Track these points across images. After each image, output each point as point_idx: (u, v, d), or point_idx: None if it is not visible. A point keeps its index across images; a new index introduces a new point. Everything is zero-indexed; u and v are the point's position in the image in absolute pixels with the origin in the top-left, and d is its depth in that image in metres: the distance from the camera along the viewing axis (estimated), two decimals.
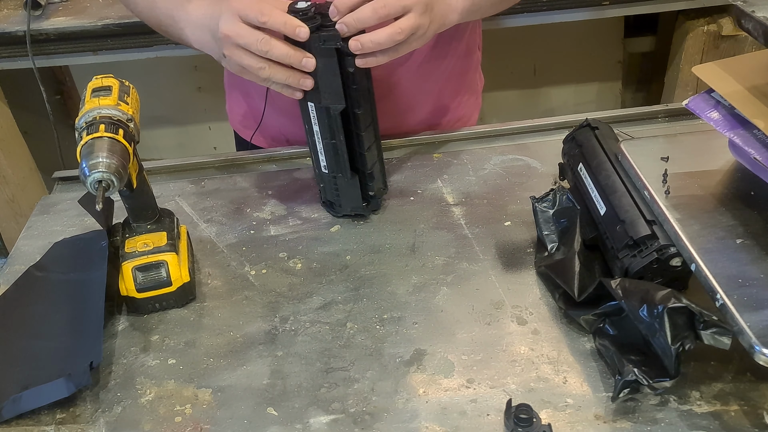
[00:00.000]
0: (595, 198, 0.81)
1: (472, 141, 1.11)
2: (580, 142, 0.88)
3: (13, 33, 1.68)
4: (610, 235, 0.77)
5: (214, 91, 2.32)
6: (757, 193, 0.75)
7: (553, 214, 0.84)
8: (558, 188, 0.85)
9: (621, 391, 0.65)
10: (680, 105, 0.85)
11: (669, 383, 0.63)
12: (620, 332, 0.70)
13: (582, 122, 0.90)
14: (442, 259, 0.87)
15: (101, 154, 0.72)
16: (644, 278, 0.72)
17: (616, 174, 0.80)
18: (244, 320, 0.80)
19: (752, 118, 0.70)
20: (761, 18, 0.69)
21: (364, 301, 0.81)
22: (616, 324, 0.71)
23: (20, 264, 0.90)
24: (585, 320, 0.73)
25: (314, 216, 0.97)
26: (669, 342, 0.62)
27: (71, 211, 1.01)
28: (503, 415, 0.64)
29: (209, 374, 0.74)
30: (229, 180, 1.06)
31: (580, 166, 0.85)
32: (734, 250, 0.68)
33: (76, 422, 0.70)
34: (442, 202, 0.97)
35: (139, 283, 0.80)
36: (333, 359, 0.74)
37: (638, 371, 0.64)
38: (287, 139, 1.15)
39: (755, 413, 0.65)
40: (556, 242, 0.82)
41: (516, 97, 2.47)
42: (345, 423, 0.67)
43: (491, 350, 0.74)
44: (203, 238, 0.94)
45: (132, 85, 0.82)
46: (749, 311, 0.61)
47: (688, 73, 1.97)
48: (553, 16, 1.79)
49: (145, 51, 1.73)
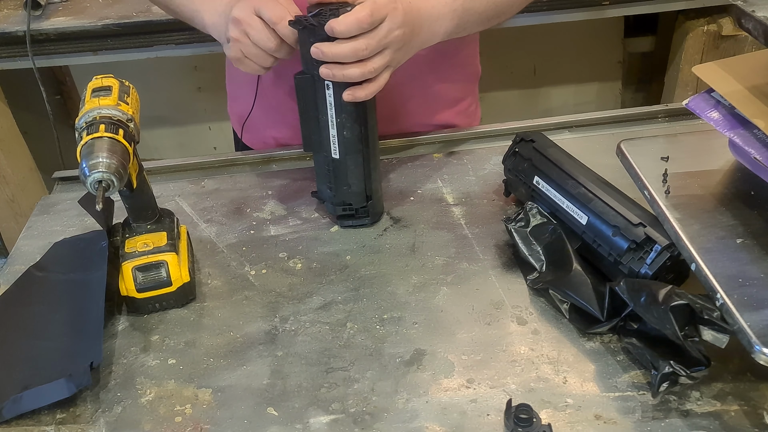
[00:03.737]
0: (569, 209, 0.81)
1: (472, 141, 1.11)
2: (527, 156, 0.88)
3: (13, 33, 1.68)
4: (602, 242, 0.77)
5: (214, 91, 2.32)
6: (757, 193, 0.75)
7: (530, 232, 0.82)
8: (527, 205, 0.84)
9: (660, 385, 0.65)
10: (680, 105, 0.85)
11: (706, 371, 0.64)
12: (643, 326, 0.70)
13: (515, 138, 0.91)
14: (442, 259, 0.87)
15: (101, 154, 0.72)
16: (658, 278, 0.72)
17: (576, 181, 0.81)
18: (244, 320, 0.80)
19: (752, 118, 0.70)
20: (761, 18, 0.69)
21: (364, 301, 0.81)
22: (635, 319, 0.71)
23: (20, 264, 0.90)
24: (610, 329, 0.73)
25: (314, 216, 0.97)
26: (681, 338, 0.62)
27: (71, 211, 1.01)
28: (503, 415, 0.64)
29: (209, 374, 0.74)
30: (229, 180, 1.06)
31: (536, 180, 0.85)
32: (734, 249, 0.68)
33: (76, 422, 0.70)
34: (442, 202, 0.97)
35: (139, 283, 0.80)
36: (333, 359, 0.74)
37: (674, 363, 0.64)
38: (275, 139, 1.14)
39: (755, 413, 0.65)
40: (544, 260, 0.81)
41: (516, 97, 2.47)
42: (345, 423, 0.67)
43: (491, 350, 0.74)
44: (203, 238, 0.94)
45: (132, 85, 0.82)
46: (749, 311, 0.61)
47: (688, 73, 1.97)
48: (553, 16, 1.79)
49: (145, 51, 1.73)
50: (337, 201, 0.91)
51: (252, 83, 1.07)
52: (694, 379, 0.64)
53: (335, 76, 0.79)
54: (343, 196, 0.91)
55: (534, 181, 0.86)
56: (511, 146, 0.92)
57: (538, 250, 0.81)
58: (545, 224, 0.82)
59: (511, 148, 0.92)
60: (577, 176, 0.82)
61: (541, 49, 2.34)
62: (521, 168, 0.89)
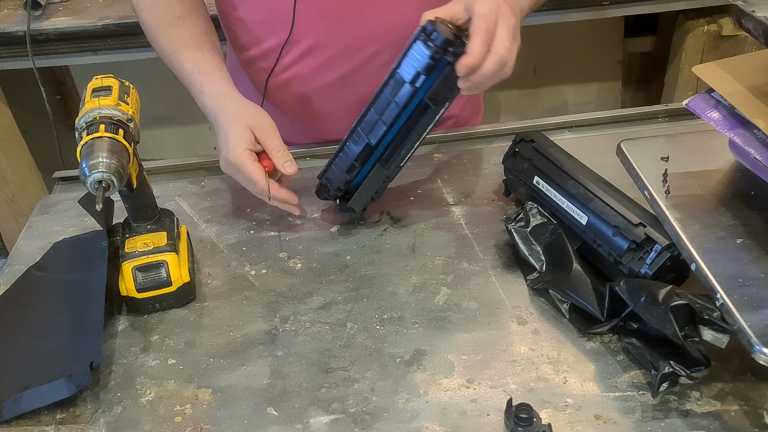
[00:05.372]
0: (569, 209, 0.81)
1: (472, 141, 1.11)
2: (528, 156, 0.88)
3: (13, 33, 1.68)
4: (602, 242, 0.77)
5: None
6: (757, 193, 0.75)
7: (530, 232, 0.82)
8: (527, 205, 0.84)
9: (660, 385, 0.65)
10: (680, 105, 0.85)
11: (706, 371, 0.64)
12: (643, 326, 0.70)
13: (515, 138, 0.91)
14: (442, 259, 0.87)
15: (101, 154, 0.72)
16: (658, 278, 0.72)
17: (576, 181, 0.81)
18: (244, 320, 0.80)
19: (752, 118, 0.70)
20: (761, 18, 0.69)
21: (364, 301, 0.81)
22: (635, 319, 0.71)
23: (20, 264, 0.90)
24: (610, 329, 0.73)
25: (314, 216, 0.96)
26: (680, 338, 0.62)
27: (71, 211, 1.01)
28: (503, 415, 0.64)
29: (209, 374, 0.74)
30: (229, 180, 1.06)
31: (536, 180, 0.85)
32: (734, 249, 0.68)
33: (76, 422, 0.70)
34: (442, 202, 0.97)
35: (139, 283, 0.80)
36: (333, 359, 0.74)
37: (674, 363, 0.64)
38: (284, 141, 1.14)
39: (755, 413, 0.65)
40: (544, 260, 0.81)
41: (516, 97, 2.47)
42: (345, 423, 0.67)
43: (491, 350, 0.74)
44: (203, 238, 0.94)
45: (132, 85, 0.82)
46: (749, 311, 0.61)
47: (688, 73, 1.97)
48: (553, 16, 1.79)
49: (145, 51, 1.73)
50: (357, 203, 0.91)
51: (258, 88, 1.07)
52: (694, 379, 0.65)
53: (485, 85, 0.78)
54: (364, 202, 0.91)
55: (534, 181, 0.86)
56: (511, 146, 0.92)
57: (538, 250, 0.81)
58: (545, 224, 0.82)
59: (511, 148, 0.92)
60: (577, 176, 0.82)
61: (541, 49, 2.33)
62: (521, 168, 0.89)
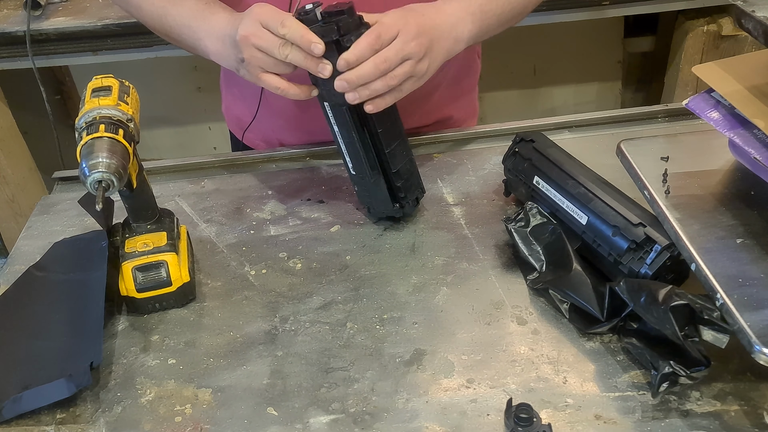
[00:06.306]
0: (569, 209, 0.81)
1: (472, 141, 1.11)
2: (527, 156, 0.88)
3: (13, 33, 1.68)
4: (602, 242, 0.77)
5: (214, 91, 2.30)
6: (757, 193, 0.75)
7: (530, 232, 0.82)
8: (527, 205, 0.84)
9: (660, 385, 0.65)
10: (680, 105, 0.85)
11: (706, 371, 0.64)
12: (643, 326, 0.70)
13: (515, 138, 0.91)
14: (442, 259, 0.87)
15: (101, 154, 0.72)
16: (658, 278, 0.72)
17: (576, 181, 0.81)
18: (244, 320, 0.80)
19: (752, 118, 0.70)
20: (761, 18, 0.69)
21: (364, 301, 0.81)
22: (635, 319, 0.71)
23: (20, 264, 0.90)
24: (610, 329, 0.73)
25: (314, 216, 0.97)
26: (680, 338, 0.62)
27: (71, 211, 1.01)
28: (503, 415, 0.64)
29: (209, 374, 0.74)
30: (229, 180, 1.06)
31: (536, 180, 0.85)
32: (734, 249, 0.68)
33: (76, 422, 0.70)
34: (442, 202, 0.97)
35: (139, 283, 0.80)
36: (333, 359, 0.74)
37: (674, 363, 0.64)
38: (280, 141, 1.15)
39: (755, 413, 0.65)
40: (544, 260, 0.81)
41: (516, 97, 2.47)
42: (345, 423, 0.67)
43: (491, 350, 0.74)
44: (203, 238, 0.94)
45: (132, 85, 0.82)
46: (749, 311, 0.61)
47: (688, 73, 1.97)
48: (553, 16, 1.79)
49: (145, 51, 1.73)
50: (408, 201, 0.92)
51: (255, 88, 1.07)
52: (694, 379, 0.64)
53: (361, 96, 0.79)
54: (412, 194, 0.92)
55: (534, 181, 0.86)
56: (511, 146, 0.92)
57: (538, 250, 0.81)
58: (545, 224, 0.82)
59: (511, 148, 0.92)
60: (577, 176, 0.82)
61: (541, 49, 2.34)
62: (521, 168, 0.89)
